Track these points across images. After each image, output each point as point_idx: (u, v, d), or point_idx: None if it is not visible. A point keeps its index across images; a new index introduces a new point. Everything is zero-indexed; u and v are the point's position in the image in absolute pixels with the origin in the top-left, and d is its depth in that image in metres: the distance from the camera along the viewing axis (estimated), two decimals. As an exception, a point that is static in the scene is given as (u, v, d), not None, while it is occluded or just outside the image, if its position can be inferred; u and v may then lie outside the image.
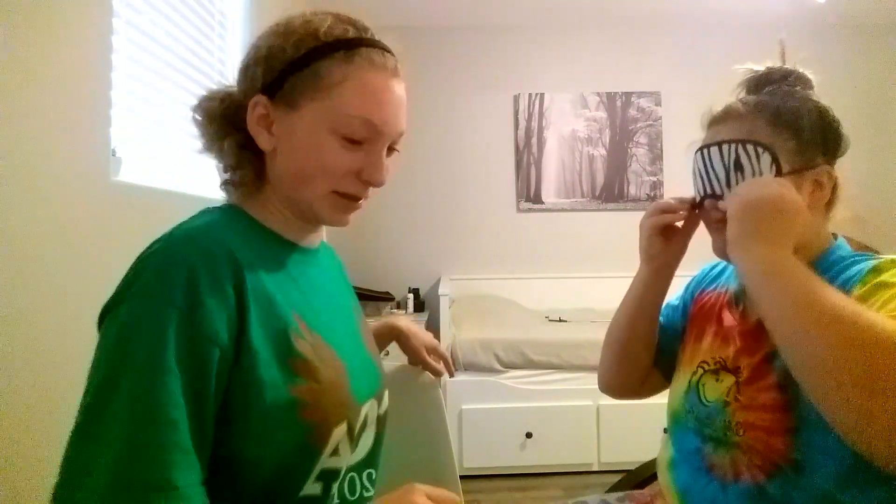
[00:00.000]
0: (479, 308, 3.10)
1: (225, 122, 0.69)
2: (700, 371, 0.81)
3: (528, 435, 2.40)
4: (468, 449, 2.44)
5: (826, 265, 0.72)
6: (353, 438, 0.69)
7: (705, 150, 0.76)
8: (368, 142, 0.67)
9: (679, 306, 0.96)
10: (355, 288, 0.93)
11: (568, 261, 3.57)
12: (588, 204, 3.58)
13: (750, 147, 0.72)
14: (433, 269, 3.52)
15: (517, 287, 3.50)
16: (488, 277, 3.54)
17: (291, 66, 0.65)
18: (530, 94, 3.56)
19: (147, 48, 1.49)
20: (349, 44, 0.66)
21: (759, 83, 0.79)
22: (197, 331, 0.54)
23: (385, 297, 3.24)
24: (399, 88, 0.69)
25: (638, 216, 0.86)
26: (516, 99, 3.56)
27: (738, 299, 0.82)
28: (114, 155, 1.33)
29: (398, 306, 3.27)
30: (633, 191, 3.57)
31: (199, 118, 0.70)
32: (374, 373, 0.78)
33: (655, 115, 3.55)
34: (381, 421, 0.78)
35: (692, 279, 0.97)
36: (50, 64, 1.08)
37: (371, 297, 3.14)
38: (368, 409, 0.73)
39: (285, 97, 0.66)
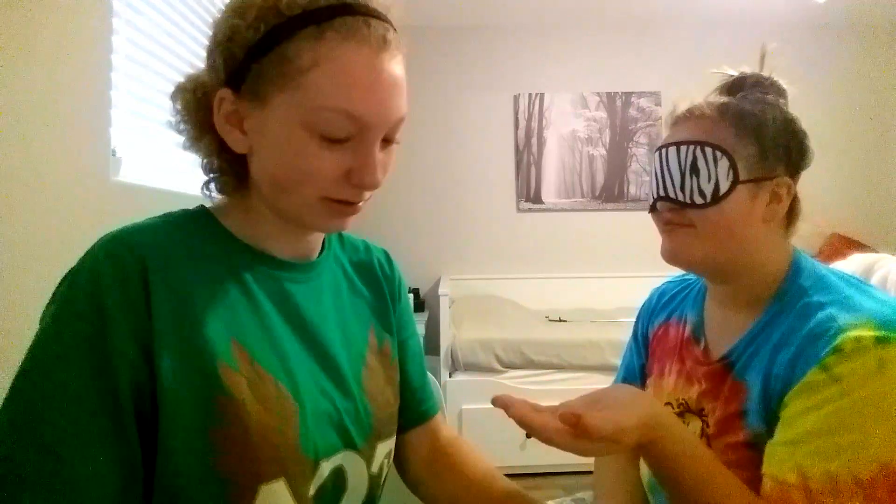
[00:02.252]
0: (479, 308, 3.10)
1: (202, 116, 0.59)
2: None
3: (529, 435, 2.41)
4: (468, 449, 2.44)
5: (787, 298, 0.68)
6: (305, 501, 0.56)
7: (663, 150, 0.73)
8: (354, 138, 0.54)
9: (633, 348, 0.93)
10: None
11: (568, 261, 3.57)
12: (588, 204, 3.57)
13: (708, 150, 0.68)
14: (433, 269, 3.52)
15: (517, 287, 3.50)
16: (488, 277, 3.53)
17: (252, 52, 0.53)
18: (530, 94, 3.55)
19: (147, 48, 1.49)
20: (319, 15, 0.52)
21: (731, 88, 0.76)
22: (106, 343, 0.49)
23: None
24: (392, 65, 0.54)
25: (638, 216, 0.84)
26: (516, 99, 3.56)
27: (698, 335, 0.79)
28: (114, 155, 1.33)
29: (398, 306, 3.27)
30: (633, 191, 3.56)
31: (179, 109, 0.60)
32: (362, 422, 0.63)
33: (655, 115, 3.55)
34: (373, 482, 0.64)
35: (640, 311, 0.93)
36: (50, 64, 1.08)
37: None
38: (342, 466, 0.60)
39: (251, 90, 0.54)
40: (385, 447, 0.67)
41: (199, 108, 0.59)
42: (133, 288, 0.50)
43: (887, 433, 0.55)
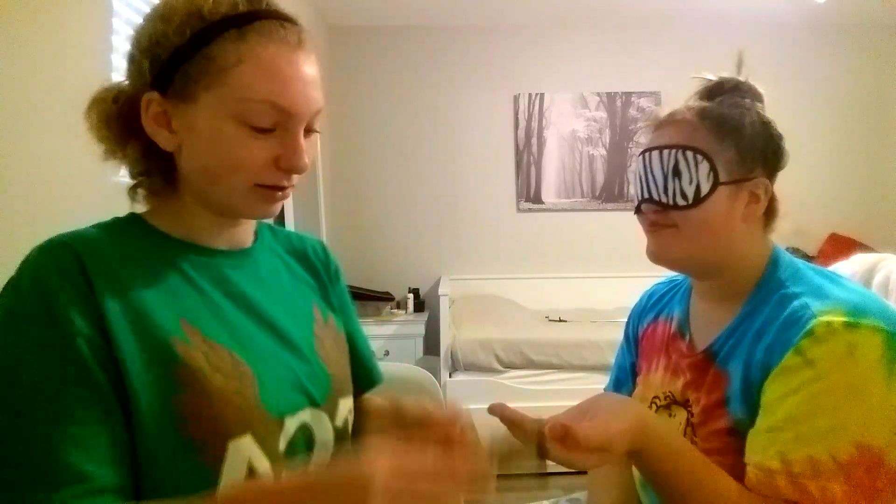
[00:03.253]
0: (479, 308, 3.10)
1: (123, 124, 0.62)
2: (654, 407, 0.81)
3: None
4: (468, 449, 2.44)
5: (766, 290, 0.72)
6: (276, 455, 0.60)
7: (646, 154, 0.75)
8: (280, 126, 0.59)
9: (625, 348, 0.96)
10: (354, 288, 0.88)
11: (568, 261, 3.57)
12: (588, 204, 3.58)
13: (689, 154, 0.71)
14: (433, 269, 3.52)
15: (517, 287, 3.50)
16: (488, 277, 3.53)
17: (178, 55, 0.57)
18: (530, 94, 3.55)
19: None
20: (240, 19, 0.58)
21: (710, 93, 0.79)
22: (65, 331, 0.51)
23: (385, 297, 3.24)
24: (307, 63, 0.61)
25: (637, 216, 0.84)
26: (516, 99, 3.56)
27: (684, 330, 0.82)
28: (114, 155, 1.33)
29: (398, 306, 3.27)
30: (633, 191, 3.55)
31: (94, 122, 0.62)
32: (321, 381, 0.68)
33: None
34: (339, 435, 0.70)
35: (631, 313, 0.97)
36: (50, 64, 1.08)
37: (371, 297, 3.14)
38: (307, 422, 0.65)
39: (178, 90, 0.58)
40: (347, 403, 0.72)
41: (119, 116, 0.62)
42: (75, 277, 0.54)
43: (862, 415, 0.59)
